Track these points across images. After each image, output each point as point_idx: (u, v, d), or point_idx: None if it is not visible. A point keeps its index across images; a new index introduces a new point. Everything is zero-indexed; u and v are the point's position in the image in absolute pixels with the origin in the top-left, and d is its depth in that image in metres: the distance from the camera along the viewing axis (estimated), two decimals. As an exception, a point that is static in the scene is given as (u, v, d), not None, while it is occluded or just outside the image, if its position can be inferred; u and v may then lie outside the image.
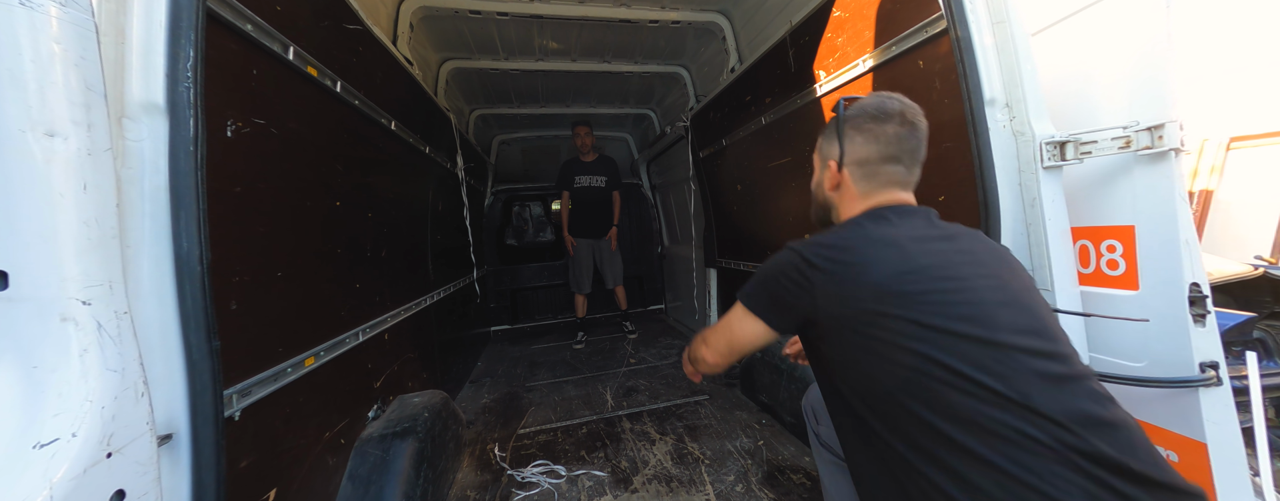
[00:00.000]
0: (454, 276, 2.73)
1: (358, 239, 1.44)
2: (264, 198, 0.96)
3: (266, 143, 0.96)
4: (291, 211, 1.07)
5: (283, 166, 1.03)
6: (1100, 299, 0.97)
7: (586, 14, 2.23)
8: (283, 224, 1.02)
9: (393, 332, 1.69)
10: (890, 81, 1.42)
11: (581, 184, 3.52)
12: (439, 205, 2.52)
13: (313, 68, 1.08)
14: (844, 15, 1.55)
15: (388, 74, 1.63)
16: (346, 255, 1.34)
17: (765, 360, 2.14)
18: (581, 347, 3.58)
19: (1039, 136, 0.96)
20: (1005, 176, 1.01)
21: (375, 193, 1.58)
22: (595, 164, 3.57)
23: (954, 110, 1.21)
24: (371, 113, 1.47)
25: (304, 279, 1.11)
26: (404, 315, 1.81)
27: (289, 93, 1.03)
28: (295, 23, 1.02)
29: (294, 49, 0.99)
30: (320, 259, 1.19)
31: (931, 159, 1.35)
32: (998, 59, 1.02)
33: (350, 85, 1.29)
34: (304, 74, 1.05)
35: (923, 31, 1.23)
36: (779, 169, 2.19)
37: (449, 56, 2.66)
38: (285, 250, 1.03)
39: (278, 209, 1.01)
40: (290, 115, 1.04)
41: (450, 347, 2.59)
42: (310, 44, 1.08)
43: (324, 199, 1.22)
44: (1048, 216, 0.95)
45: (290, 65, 1.00)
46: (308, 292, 1.13)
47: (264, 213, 0.96)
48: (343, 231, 1.32)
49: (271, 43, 0.94)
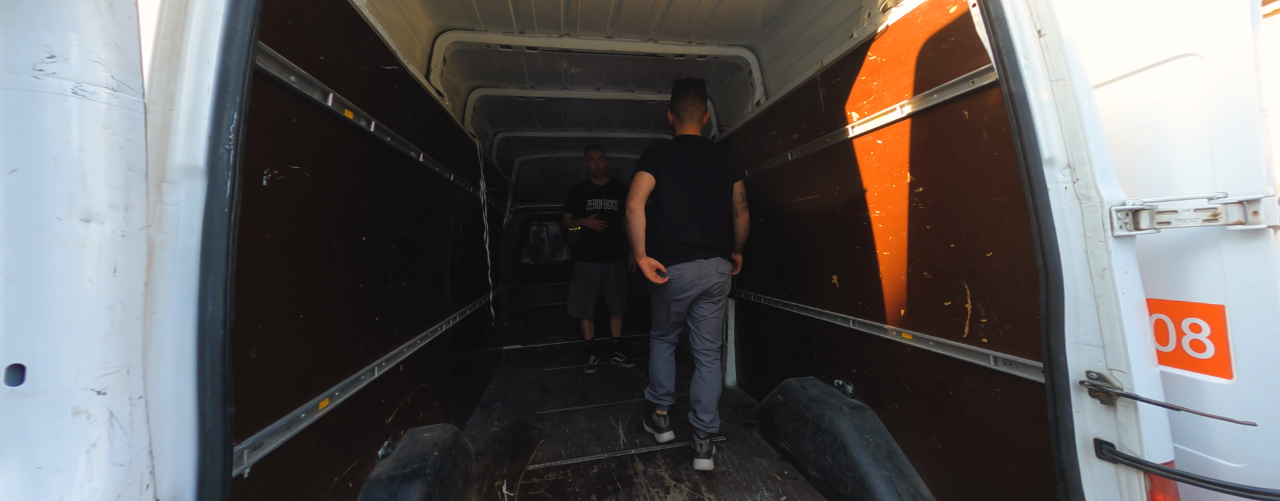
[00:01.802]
0: (470, 298, 2.72)
1: (380, 271, 1.43)
2: (294, 242, 0.95)
3: (300, 187, 0.96)
4: (319, 252, 1.06)
5: (314, 208, 1.03)
6: (1184, 383, 0.87)
7: (614, 48, 2.25)
8: (309, 265, 1.01)
9: (408, 363, 1.66)
10: (930, 129, 1.36)
11: (594, 207, 3.50)
12: (460, 229, 2.53)
13: (349, 111, 1.09)
14: (880, 60, 1.51)
15: (420, 108, 1.66)
16: (368, 289, 1.33)
17: (788, 405, 2.04)
18: (593, 373, 3.50)
19: (1108, 202, 0.89)
20: (1068, 242, 0.94)
21: (400, 223, 1.58)
22: (608, 188, 3.57)
23: (1003, 164, 1.15)
24: (401, 147, 1.49)
25: (325, 318, 1.09)
26: (420, 344, 1.79)
27: (325, 137, 1.04)
28: (337, 69, 1.04)
29: (334, 95, 1.00)
30: (343, 296, 1.18)
31: (978, 212, 1.29)
32: (1058, 116, 0.96)
33: (383, 123, 1.31)
34: (340, 118, 1.06)
35: (969, 82, 1.19)
36: (805, 205, 2.13)
37: (477, 85, 2.72)
38: (310, 291, 1.02)
39: (306, 251, 1.00)
40: (325, 158, 1.04)
41: (463, 371, 2.55)
42: (349, 88, 1.10)
43: (351, 235, 1.22)
44: (1120, 290, 0.87)
45: (329, 111, 1.01)
46: (328, 332, 1.11)
47: (293, 256, 0.95)
48: (366, 265, 1.31)
49: (312, 91, 0.95)
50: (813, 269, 2.13)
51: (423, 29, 1.92)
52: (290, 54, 0.87)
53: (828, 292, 2.03)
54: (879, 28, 1.48)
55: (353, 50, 1.11)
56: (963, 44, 1.19)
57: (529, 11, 1.93)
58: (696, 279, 1.97)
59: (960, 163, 1.27)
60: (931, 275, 1.43)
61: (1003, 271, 1.18)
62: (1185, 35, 0.91)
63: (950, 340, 1.36)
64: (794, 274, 2.30)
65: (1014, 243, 1.15)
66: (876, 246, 1.68)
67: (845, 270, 1.89)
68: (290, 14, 0.89)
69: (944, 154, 1.33)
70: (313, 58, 0.94)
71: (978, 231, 1.25)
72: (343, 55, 1.06)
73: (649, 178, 1.94)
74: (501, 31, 2.08)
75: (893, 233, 1.59)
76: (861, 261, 1.76)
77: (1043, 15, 0.97)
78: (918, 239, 1.48)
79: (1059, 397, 0.96)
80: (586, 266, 3.54)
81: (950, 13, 1.21)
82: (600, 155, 3.46)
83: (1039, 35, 0.99)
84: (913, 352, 1.52)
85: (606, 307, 3.72)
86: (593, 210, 3.49)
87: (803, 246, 2.20)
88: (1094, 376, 0.92)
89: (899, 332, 1.57)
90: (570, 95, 2.91)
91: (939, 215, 1.38)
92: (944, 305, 1.39)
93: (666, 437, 2.26)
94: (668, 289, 1.99)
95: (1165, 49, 0.95)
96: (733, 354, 3.14)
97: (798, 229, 2.23)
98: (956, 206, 1.31)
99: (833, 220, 1.94)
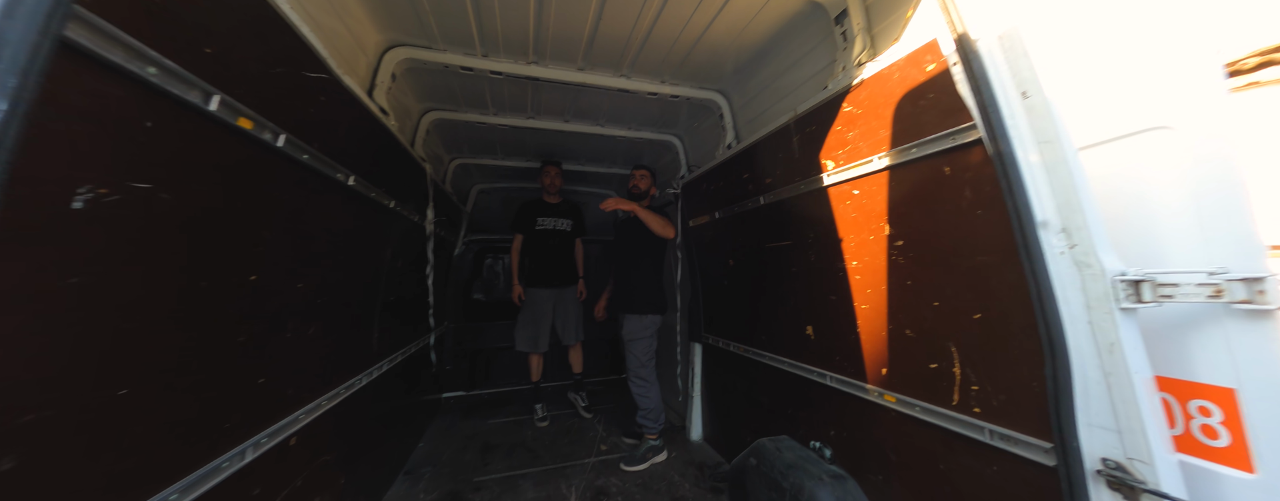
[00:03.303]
0: (404, 342, 2.35)
1: (278, 317, 1.14)
2: (124, 287, 0.68)
3: (149, 213, 0.71)
4: (176, 298, 0.79)
5: (171, 241, 0.76)
6: (1202, 474, 0.80)
7: (585, 81, 2.17)
8: (149, 318, 0.74)
9: (306, 434, 1.32)
10: (910, 183, 1.33)
11: (544, 226, 3.19)
12: (400, 262, 2.23)
13: (246, 120, 0.86)
14: (855, 111, 1.51)
15: (355, 126, 1.43)
16: (253, 341, 1.03)
17: (762, 470, 1.85)
18: (546, 425, 3.12)
19: (1109, 271, 0.84)
20: (1071, 312, 0.87)
21: (313, 257, 1.30)
22: (561, 207, 3.30)
23: (990, 222, 1.11)
24: (324, 168, 1.25)
25: (168, 390, 0.79)
26: (327, 405, 1.45)
27: (203, 149, 0.80)
28: (232, 68, 0.82)
29: (221, 99, 0.78)
30: (206, 355, 0.88)
31: (963, 271, 1.23)
32: (1048, 179, 0.92)
33: (299, 139, 1.08)
34: (231, 127, 0.83)
35: (949, 138, 1.16)
36: (779, 250, 2.06)
37: (433, 107, 2.53)
38: (144, 354, 0.74)
39: (147, 298, 0.73)
40: (199, 177, 0.80)
41: (386, 427, 2.15)
42: (249, 92, 0.87)
43: (233, 274, 0.94)
44: (1133, 368, 0.80)
45: (211, 117, 0.78)
46: (170, 409, 0.81)
47: (120, 306, 0.68)
48: (255, 311, 1.02)
49: (187, 91, 0.72)
50: (786, 318, 2.03)
51: (370, 42, 1.73)
52: (152, 40, 0.65)
53: (802, 344, 1.92)
54: (854, 81, 1.48)
55: (261, 49, 0.90)
56: (941, 101, 1.18)
57: (494, 35, 1.81)
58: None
59: (943, 219, 1.23)
60: (914, 334, 1.35)
61: (993, 335, 1.11)
62: (1155, 108, 0.92)
63: (938, 406, 1.26)
64: (765, 321, 2.19)
65: (1003, 305, 1.09)
66: (854, 299, 1.60)
67: (820, 322, 1.80)
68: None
69: (925, 208, 1.29)
70: (193, 50, 0.73)
71: (963, 291, 1.19)
72: (243, 53, 0.85)
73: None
74: (462, 53, 1.94)
75: (871, 285, 1.52)
76: (838, 313, 1.67)
77: (1026, 78, 0.96)
78: (899, 294, 1.41)
79: (1076, 488, 0.85)
80: (536, 293, 3.15)
81: (928, 70, 1.21)
82: (557, 172, 3.23)
83: (1023, 96, 0.97)
84: (897, 418, 1.41)
85: (560, 340, 3.33)
86: (543, 229, 3.18)
87: (775, 293, 2.11)
88: (1111, 466, 0.83)
89: (881, 394, 1.46)
90: (536, 125, 2.77)
91: (921, 271, 1.32)
92: (929, 367, 1.30)
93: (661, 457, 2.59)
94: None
95: (1136, 120, 0.95)
96: (697, 404, 2.93)
97: (770, 275, 2.14)
98: (939, 263, 1.26)
99: (807, 268, 1.86)
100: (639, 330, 2.63)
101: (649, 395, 2.61)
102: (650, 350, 2.65)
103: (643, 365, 2.63)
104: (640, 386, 2.62)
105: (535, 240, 3.17)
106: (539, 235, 3.17)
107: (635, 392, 2.65)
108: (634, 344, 2.64)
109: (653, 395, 2.62)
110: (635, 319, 2.65)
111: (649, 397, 2.60)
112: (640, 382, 2.62)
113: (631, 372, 2.67)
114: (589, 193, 4.48)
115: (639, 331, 2.63)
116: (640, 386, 2.62)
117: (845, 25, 1.57)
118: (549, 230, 3.19)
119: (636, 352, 2.64)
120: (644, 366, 2.62)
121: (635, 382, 2.65)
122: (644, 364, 2.63)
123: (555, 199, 3.30)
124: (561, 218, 3.25)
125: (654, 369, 2.64)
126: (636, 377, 2.64)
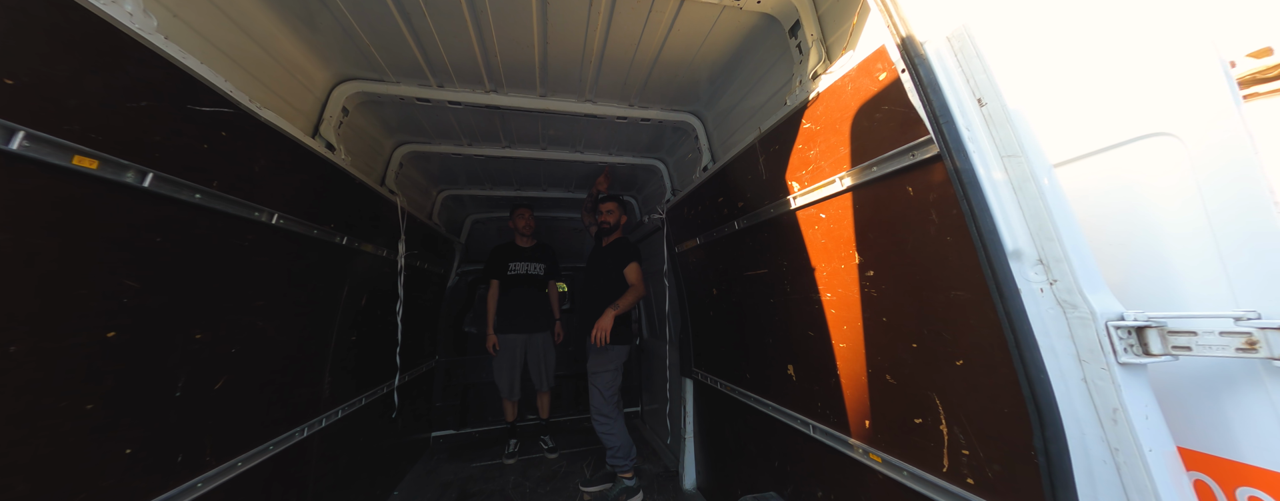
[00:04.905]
0: (369, 385, 2.24)
1: (158, 373, 1.03)
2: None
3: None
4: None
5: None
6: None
7: (548, 107, 2.11)
8: None
9: (217, 498, 1.19)
10: (874, 205, 1.16)
11: (516, 271, 3.15)
12: (363, 299, 2.15)
13: (83, 158, 0.79)
14: (815, 128, 1.36)
15: (281, 161, 1.38)
16: (107, 409, 0.92)
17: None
18: (512, 463, 3.00)
19: (1101, 314, 0.65)
20: (1058, 366, 0.68)
21: (217, 302, 1.21)
22: (533, 250, 3.26)
23: (959, 251, 0.92)
24: (232, 208, 1.18)
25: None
26: (244, 467, 1.32)
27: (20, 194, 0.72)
28: (53, 99, 0.75)
29: (25, 134, 0.70)
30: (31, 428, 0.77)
31: (938, 308, 1.00)
32: (1017, 200, 0.75)
33: (186, 178, 1.01)
34: (52, 167, 0.75)
35: (908, 154, 1.00)
36: (755, 279, 1.89)
37: (405, 140, 2.52)
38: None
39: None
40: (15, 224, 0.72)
41: (342, 483, 2.00)
42: (98, 126, 0.81)
43: (71, 332, 0.84)
44: (1144, 443, 0.60)
45: (16, 156, 0.70)
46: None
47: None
48: (111, 369, 0.91)
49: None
50: (767, 355, 1.83)
51: (316, 78, 1.72)
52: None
53: (785, 386, 1.70)
54: (810, 95, 1.34)
55: (108, 80, 0.83)
56: (897, 113, 1.03)
57: (442, 64, 1.78)
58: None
59: (910, 246, 1.05)
60: (895, 381, 1.15)
61: (979, 387, 0.90)
62: (1153, 113, 0.74)
63: (927, 472, 1.04)
64: (749, 358, 1.99)
65: (986, 351, 0.89)
66: (831, 336, 1.40)
67: (801, 360, 1.60)
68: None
69: (891, 234, 1.12)
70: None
71: (941, 332, 0.99)
72: (73, 83, 0.78)
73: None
74: (416, 84, 1.91)
75: (847, 322, 1.32)
76: (817, 352, 1.47)
77: (981, 82, 0.81)
78: (875, 332, 1.21)
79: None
80: (507, 338, 3.08)
81: (881, 79, 1.07)
82: (529, 214, 3.21)
83: (980, 104, 0.81)
84: (884, 482, 1.18)
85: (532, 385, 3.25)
86: (515, 273, 3.13)
87: (756, 327, 1.91)
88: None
89: (867, 452, 1.24)
90: (512, 154, 2.73)
91: (895, 306, 1.13)
92: (914, 423, 1.08)
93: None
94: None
95: (1129, 128, 0.77)
96: (690, 448, 2.68)
97: (749, 306, 1.96)
98: (911, 298, 1.07)
99: (783, 299, 1.68)
100: (604, 362, 2.49)
101: (614, 432, 2.45)
102: (615, 384, 2.51)
103: (605, 400, 2.47)
104: (604, 424, 2.46)
105: (508, 285, 3.14)
106: (511, 279, 3.13)
107: (600, 432, 2.48)
108: (598, 376, 2.48)
109: (618, 432, 2.46)
110: (603, 351, 2.50)
111: (615, 435, 2.45)
112: (604, 420, 2.46)
113: (594, 410, 2.50)
114: (578, 219, 4.40)
115: (604, 364, 2.49)
116: (604, 424, 2.46)
117: (799, 37, 1.45)
118: (521, 274, 3.13)
119: (600, 387, 2.48)
120: (607, 403, 2.47)
121: (599, 420, 2.47)
122: (607, 399, 2.47)
123: (528, 242, 3.26)
124: (533, 262, 3.21)
125: (618, 404, 2.54)
126: (600, 415, 2.47)
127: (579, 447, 3.40)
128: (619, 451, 2.44)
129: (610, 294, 2.60)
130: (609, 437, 2.44)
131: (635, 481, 2.47)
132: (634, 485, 2.46)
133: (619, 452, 2.44)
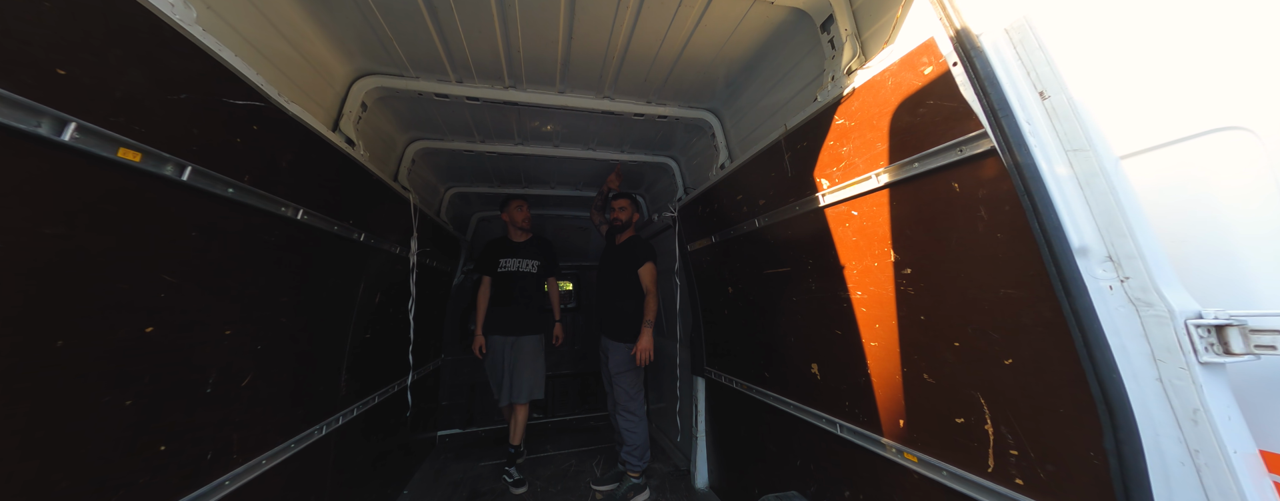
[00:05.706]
0: (382, 383, 2.22)
1: (192, 371, 1.01)
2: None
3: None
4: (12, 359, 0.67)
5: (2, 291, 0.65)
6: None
7: (566, 104, 2.09)
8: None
9: (241, 496, 1.17)
10: (914, 202, 1.15)
11: (507, 268, 2.82)
12: (377, 297, 2.12)
13: (129, 150, 0.76)
14: (848, 124, 1.35)
15: (306, 156, 1.36)
16: (148, 405, 0.90)
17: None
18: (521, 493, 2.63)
19: (1180, 312, 0.64)
20: (1131, 367, 0.66)
21: (246, 299, 1.19)
22: (527, 246, 2.95)
23: (1012, 249, 0.91)
24: (261, 203, 1.15)
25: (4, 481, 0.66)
26: (268, 464, 1.30)
27: (53, 185, 0.70)
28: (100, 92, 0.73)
29: (76, 125, 0.68)
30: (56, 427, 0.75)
31: (986, 307, 0.95)
32: (1083, 195, 0.74)
33: (220, 172, 0.99)
34: (99, 159, 0.73)
35: (957, 149, 0.99)
36: (776, 278, 1.87)
37: (419, 136, 2.49)
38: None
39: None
40: (45, 217, 0.69)
41: (361, 476, 1.98)
42: (134, 120, 0.79)
43: (114, 327, 0.82)
44: (1228, 445, 0.58)
45: (65, 147, 0.68)
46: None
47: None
48: (147, 369, 0.90)
49: (25, 120, 0.63)
50: (788, 353, 1.81)
51: (337, 72, 1.69)
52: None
53: (808, 384, 1.69)
54: (845, 90, 1.33)
55: (151, 71, 0.81)
56: (943, 107, 1.02)
57: (464, 60, 1.75)
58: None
59: (956, 244, 1.04)
60: (934, 380, 1.13)
61: (1031, 387, 0.89)
62: (1224, 106, 0.73)
63: (970, 473, 1.03)
64: (769, 356, 1.97)
65: (1039, 350, 0.87)
66: (861, 335, 1.39)
67: (826, 359, 1.58)
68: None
69: (934, 232, 1.10)
70: (34, 69, 0.64)
71: (988, 331, 0.98)
72: (119, 75, 0.76)
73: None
74: (435, 79, 1.88)
75: (879, 320, 1.31)
76: (845, 350, 1.46)
77: (1044, 74, 0.80)
78: (911, 331, 1.20)
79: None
80: (494, 341, 2.79)
81: (925, 74, 1.05)
82: (524, 206, 2.95)
83: (1042, 97, 0.80)
84: (920, 482, 1.17)
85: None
86: (505, 270, 2.84)
87: (776, 325, 1.90)
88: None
89: (901, 451, 1.23)
90: (525, 151, 2.70)
91: (935, 305, 1.12)
92: (955, 422, 1.07)
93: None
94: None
95: (1195, 122, 0.76)
96: (702, 447, 2.67)
97: (769, 304, 1.94)
98: (955, 297, 1.05)
99: (808, 298, 1.66)
100: (629, 361, 2.48)
101: (637, 430, 2.46)
102: (639, 382, 2.52)
103: (631, 398, 2.48)
104: (628, 421, 2.46)
105: (497, 283, 2.84)
106: (501, 277, 2.83)
107: (623, 427, 2.48)
108: (622, 376, 2.49)
109: (640, 430, 2.48)
110: (625, 349, 2.49)
111: (636, 433, 2.46)
112: (629, 417, 2.46)
113: (620, 406, 2.50)
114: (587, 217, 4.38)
115: (629, 362, 2.48)
116: (628, 421, 2.46)
117: (832, 32, 1.44)
118: (512, 272, 2.85)
119: (625, 385, 2.49)
120: (633, 399, 2.48)
121: (624, 417, 2.48)
122: (633, 397, 2.48)
123: (522, 237, 2.98)
124: (527, 258, 2.91)
125: (643, 401, 2.54)
126: (625, 411, 2.48)
127: (585, 447, 3.38)
128: (636, 449, 2.45)
129: (628, 292, 2.58)
130: (631, 434, 2.45)
131: (643, 480, 2.49)
132: (641, 483, 2.48)
133: (635, 451, 2.45)
